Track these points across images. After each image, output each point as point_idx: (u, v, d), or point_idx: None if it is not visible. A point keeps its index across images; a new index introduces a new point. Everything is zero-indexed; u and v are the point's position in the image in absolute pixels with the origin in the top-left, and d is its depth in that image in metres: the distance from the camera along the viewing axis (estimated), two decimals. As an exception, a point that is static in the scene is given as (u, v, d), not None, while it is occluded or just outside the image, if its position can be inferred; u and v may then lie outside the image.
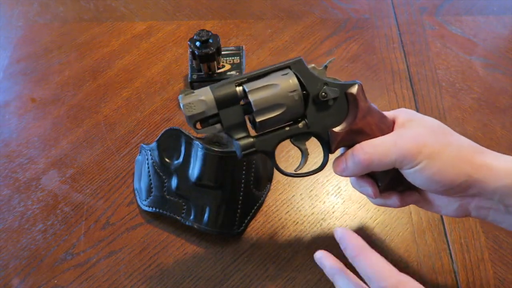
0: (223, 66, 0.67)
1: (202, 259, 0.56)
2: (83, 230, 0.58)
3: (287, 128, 0.42)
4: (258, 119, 0.40)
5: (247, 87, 0.40)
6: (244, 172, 0.56)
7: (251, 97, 0.40)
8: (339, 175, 0.44)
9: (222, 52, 0.68)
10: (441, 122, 0.43)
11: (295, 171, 0.45)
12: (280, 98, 0.40)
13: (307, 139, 0.43)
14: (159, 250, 0.56)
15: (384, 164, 0.40)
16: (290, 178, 0.62)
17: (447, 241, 0.56)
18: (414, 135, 0.40)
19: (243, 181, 0.56)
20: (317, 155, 0.62)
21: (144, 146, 0.61)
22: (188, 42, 0.64)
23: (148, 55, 0.77)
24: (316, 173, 0.45)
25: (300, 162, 0.45)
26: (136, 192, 0.61)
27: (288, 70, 0.41)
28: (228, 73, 0.67)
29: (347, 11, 0.83)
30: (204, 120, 0.40)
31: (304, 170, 0.46)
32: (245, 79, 0.41)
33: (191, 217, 0.56)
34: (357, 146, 0.41)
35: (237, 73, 0.67)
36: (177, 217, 0.57)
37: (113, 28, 0.81)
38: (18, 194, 0.62)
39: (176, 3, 0.85)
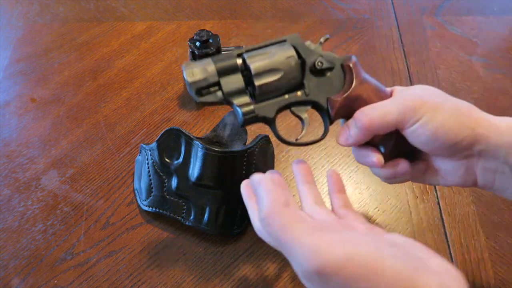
0: (223, 66, 0.67)
1: (202, 259, 0.56)
2: (83, 230, 0.58)
3: (286, 96, 0.43)
4: (257, 83, 0.41)
5: (246, 55, 0.42)
6: (244, 172, 0.56)
7: (250, 62, 0.41)
8: (344, 144, 0.43)
9: (222, 52, 0.68)
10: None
11: (296, 140, 0.46)
12: (277, 63, 0.42)
13: (307, 108, 0.44)
14: (159, 250, 0.56)
15: (386, 124, 0.40)
16: (290, 177, 0.62)
17: (447, 241, 0.56)
18: (413, 94, 0.41)
19: (243, 181, 0.56)
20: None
21: (144, 146, 0.61)
22: (188, 42, 0.64)
23: (148, 55, 0.77)
24: (317, 142, 0.45)
25: (302, 131, 0.45)
26: (136, 192, 0.61)
27: (285, 42, 0.43)
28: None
29: (347, 11, 0.83)
30: (205, 87, 0.42)
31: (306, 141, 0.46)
32: (244, 51, 0.43)
33: (191, 217, 0.56)
34: (358, 111, 0.42)
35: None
36: (177, 217, 0.57)
37: (113, 28, 0.81)
38: (18, 194, 0.62)
39: (176, 3, 0.85)
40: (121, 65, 0.76)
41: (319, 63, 0.42)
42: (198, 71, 0.41)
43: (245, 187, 0.44)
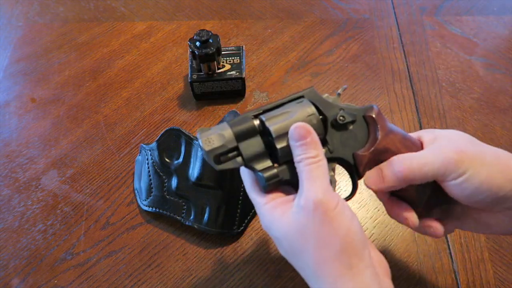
0: (223, 66, 0.67)
1: (202, 259, 0.56)
2: (83, 230, 0.58)
3: None
4: (278, 146, 0.39)
5: (264, 117, 0.40)
6: (244, 172, 0.56)
7: (269, 124, 0.39)
8: (373, 187, 0.41)
9: (222, 52, 0.68)
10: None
11: None
12: (298, 122, 0.39)
13: (333, 166, 0.43)
14: (159, 250, 0.56)
15: (425, 175, 0.38)
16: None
17: (447, 241, 0.56)
18: (451, 144, 0.39)
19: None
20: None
21: (144, 146, 0.61)
22: (188, 42, 0.64)
23: (148, 55, 0.77)
24: (348, 199, 0.42)
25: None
26: (136, 192, 0.61)
27: (302, 99, 0.41)
28: (228, 73, 0.67)
29: (347, 11, 0.83)
30: (224, 154, 0.39)
31: None
32: (261, 111, 0.41)
33: (191, 217, 0.56)
34: (394, 157, 0.40)
35: (237, 73, 0.67)
36: (177, 217, 0.57)
37: (113, 28, 0.81)
38: (18, 194, 0.62)
39: (176, 3, 0.85)
40: (121, 65, 0.76)
41: (341, 118, 0.40)
42: (215, 137, 0.39)
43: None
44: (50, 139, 0.67)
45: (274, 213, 0.37)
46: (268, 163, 0.39)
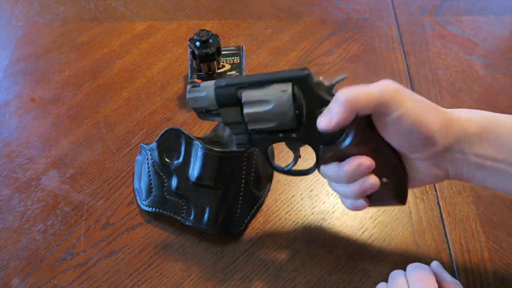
0: (223, 66, 0.67)
1: (202, 259, 0.56)
2: (83, 230, 0.58)
3: (281, 135, 0.44)
4: (250, 127, 0.43)
5: (244, 96, 0.42)
6: (244, 172, 0.56)
7: (245, 109, 0.42)
8: (327, 127, 0.40)
9: (222, 52, 0.68)
10: None
11: (284, 168, 0.48)
12: (272, 116, 0.41)
13: (300, 145, 0.45)
14: (159, 250, 0.56)
15: (370, 102, 0.39)
16: (290, 178, 0.62)
17: (447, 241, 0.56)
18: (392, 83, 0.41)
19: (243, 181, 0.56)
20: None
21: (144, 146, 0.61)
22: (188, 42, 0.64)
23: (148, 55, 0.77)
24: (303, 175, 0.47)
25: (290, 162, 0.47)
26: (136, 192, 0.61)
27: (288, 86, 0.41)
28: (228, 73, 0.67)
29: (347, 11, 0.83)
30: (207, 111, 0.45)
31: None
32: (246, 84, 0.42)
33: (191, 217, 0.56)
34: (339, 90, 0.40)
35: (237, 74, 0.67)
36: (177, 217, 0.57)
37: (113, 28, 0.81)
38: (18, 194, 0.62)
39: (176, 3, 0.85)
40: (121, 65, 0.76)
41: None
42: (200, 99, 0.43)
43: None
44: (50, 139, 0.67)
45: None
46: (243, 129, 0.44)
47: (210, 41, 0.64)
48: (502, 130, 0.41)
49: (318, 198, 0.60)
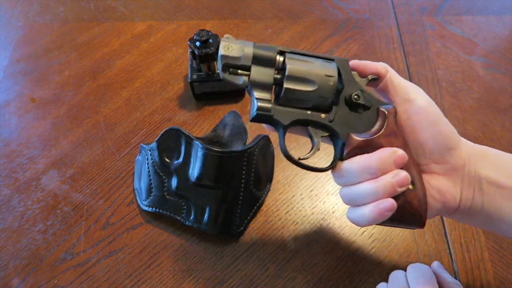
0: (223, 66, 0.67)
1: (202, 259, 0.56)
2: (83, 230, 0.58)
3: (309, 112, 0.41)
4: (286, 85, 0.39)
5: (289, 69, 0.40)
6: (244, 172, 0.56)
7: (288, 63, 0.39)
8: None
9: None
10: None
11: (299, 158, 0.42)
12: (315, 75, 0.39)
13: (324, 134, 0.42)
14: (159, 250, 0.56)
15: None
16: (291, 178, 0.62)
17: (447, 241, 0.56)
18: None
19: (243, 181, 0.56)
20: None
21: (144, 146, 0.61)
22: (188, 42, 0.64)
23: (148, 55, 0.77)
24: (319, 171, 0.42)
25: (308, 152, 0.42)
26: (136, 192, 0.61)
27: (332, 61, 0.41)
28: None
29: (347, 11, 0.83)
30: (235, 67, 0.40)
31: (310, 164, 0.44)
32: (289, 51, 0.41)
33: (191, 217, 0.56)
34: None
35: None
36: (177, 217, 0.57)
37: (113, 28, 0.81)
38: (18, 194, 0.62)
39: (176, 3, 0.85)
40: (121, 65, 0.76)
41: (355, 97, 0.40)
42: (235, 48, 0.39)
43: None
44: (50, 139, 0.67)
45: None
46: (268, 96, 0.40)
47: (210, 41, 0.64)
48: (502, 156, 0.42)
49: (318, 198, 0.60)
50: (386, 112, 0.40)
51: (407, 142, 0.41)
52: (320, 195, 0.60)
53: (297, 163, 0.42)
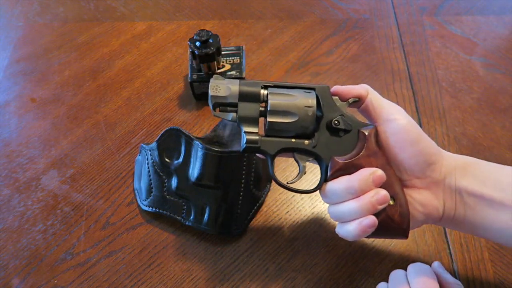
0: (223, 66, 0.67)
1: (202, 259, 0.56)
2: (83, 230, 0.58)
3: (293, 140, 0.44)
4: (269, 119, 0.43)
5: (271, 104, 0.43)
6: (244, 172, 0.56)
7: (270, 98, 0.43)
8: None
9: (222, 52, 0.68)
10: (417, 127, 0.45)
11: (287, 183, 0.46)
12: (295, 107, 0.43)
13: (308, 158, 0.45)
14: (159, 250, 0.56)
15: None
16: (290, 178, 0.62)
17: (447, 241, 0.56)
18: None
19: (243, 181, 0.56)
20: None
21: (144, 146, 0.61)
22: (188, 42, 0.64)
23: (148, 55, 0.77)
24: (306, 193, 0.46)
25: (296, 177, 0.46)
26: (136, 192, 0.61)
27: (311, 91, 0.44)
28: (228, 73, 0.67)
29: (347, 11, 0.83)
30: (223, 105, 0.44)
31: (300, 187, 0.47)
32: (272, 85, 0.44)
33: (191, 217, 0.56)
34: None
35: (237, 74, 0.67)
36: (177, 217, 0.57)
37: (113, 28, 0.81)
38: (18, 194, 0.62)
39: (176, 3, 0.85)
40: (121, 65, 0.76)
41: (336, 122, 0.43)
42: (223, 88, 0.44)
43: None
44: (50, 139, 0.67)
45: None
46: (255, 129, 0.44)
47: (210, 41, 0.64)
48: (482, 166, 0.44)
49: (318, 198, 0.60)
50: (366, 134, 0.43)
51: (389, 159, 0.43)
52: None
53: (286, 187, 0.46)
